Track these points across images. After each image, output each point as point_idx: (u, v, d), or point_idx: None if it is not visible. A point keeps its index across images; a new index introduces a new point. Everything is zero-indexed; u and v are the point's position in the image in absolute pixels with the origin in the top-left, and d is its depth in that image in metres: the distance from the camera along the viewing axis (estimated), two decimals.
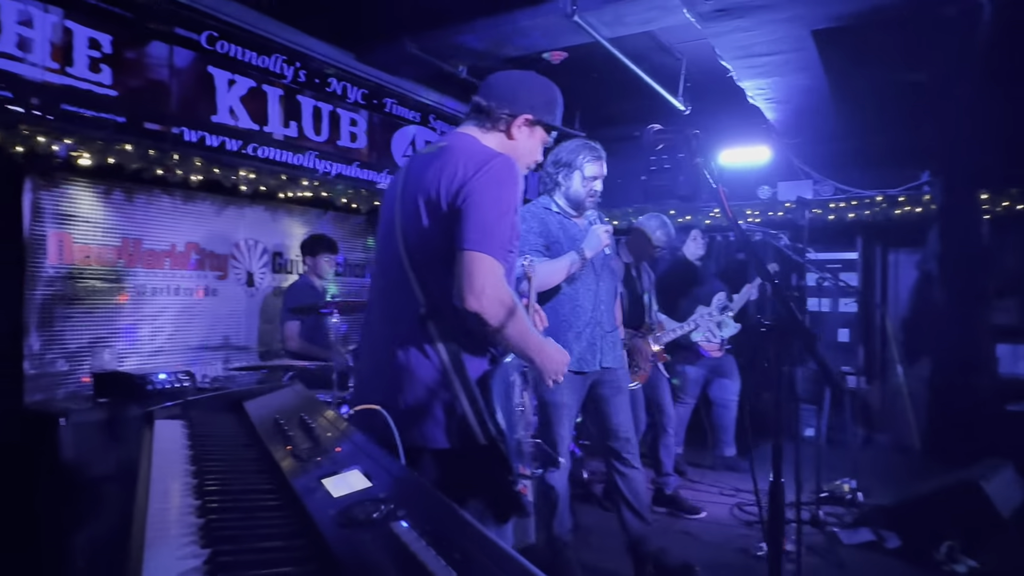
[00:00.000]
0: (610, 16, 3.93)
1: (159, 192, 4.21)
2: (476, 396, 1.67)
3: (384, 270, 1.83)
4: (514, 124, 1.85)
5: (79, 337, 3.89)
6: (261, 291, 4.96)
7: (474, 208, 1.62)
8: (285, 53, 4.45)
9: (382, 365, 1.75)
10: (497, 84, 1.89)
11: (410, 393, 1.69)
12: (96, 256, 3.95)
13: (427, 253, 1.71)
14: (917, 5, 3.42)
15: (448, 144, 1.80)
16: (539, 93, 1.90)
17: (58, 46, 3.33)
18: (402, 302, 1.74)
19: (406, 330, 1.72)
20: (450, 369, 1.68)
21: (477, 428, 1.66)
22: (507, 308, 1.63)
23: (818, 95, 4.86)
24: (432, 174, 1.71)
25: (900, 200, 5.93)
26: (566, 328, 2.89)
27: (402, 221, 1.76)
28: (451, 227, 1.66)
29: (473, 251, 1.60)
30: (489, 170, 1.66)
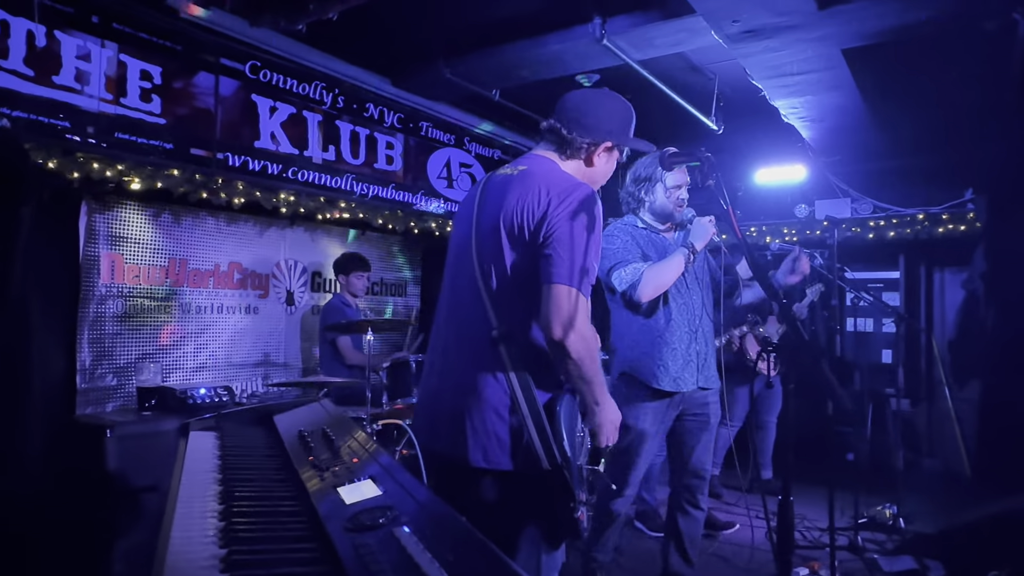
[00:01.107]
0: (639, 39, 3.98)
1: (204, 214, 4.40)
2: (543, 421, 1.66)
3: (456, 290, 1.83)
4: (595, 153, 1.86)
5: (128, 353, 4.06)
6: (300, 309, 5.11)
7: (561, 241, 1.63)
8: (324, 80, 4.63)
9: (449, 385, 1.75)
10: (574, 108, 1.86)
11: (476, 414, 1.68)
12: (145, 275, 4.14)
13: (504, 278, 1.71)
14: (946, 22, 3.38)
15: (529, 169, 1.80)
16: (617, 116, 1.89)
17: (112, 78, 3.53)
18: (474, 324, 1.73)
19: (476, 351, 1.71)
20: (519, 393, 1.66)
21: (542, 453, 1.64)
22: (590, 344, 1.66)
23: (853, 113, 4.81)
24: (513, 199, 1.71)
25: (943, 218, 5.79)
26: (661, 344, 2.77)
27: (478, 243, 1.75)
28: (532, 255, 1.67)
29: (563, 285, 1.61)
30: (574, 202, 1.66)
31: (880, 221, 6.04)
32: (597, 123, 1.84)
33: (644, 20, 3.79)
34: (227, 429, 1.73)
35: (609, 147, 1.87)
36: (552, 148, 1.88)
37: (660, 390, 2.77)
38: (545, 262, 1.64)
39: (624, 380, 2.85)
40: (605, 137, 1.85)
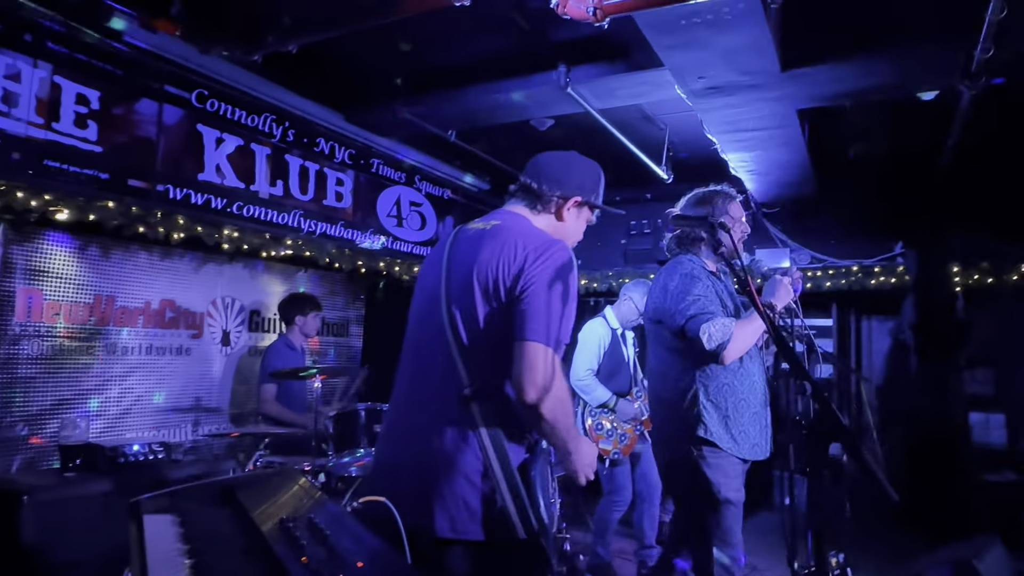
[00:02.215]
0: (601, 89, 4.00)
1: (136, 248, 4.09)
2: (518, 486, 1.58)
3: (422, 347, 1.76)
4: (565, 207, 1.84)
5: (43, 399, 3.69)
6: (236, 350, 4.81)
7: (536, 298, 1.59)
8: (274, 112, 4.43)
9: (414, 447, 1.67)
10: (546, 166, 1.88)
11: (444, 480, 1.59)
12: (67, 313, 3.79)
13: (476, 333, 1.64)
14: (897, 88, 3.55)
15: (503, 223, 1.77)
16: (587, 174, 1.90)
17: (44, 101, 3.25)
18: (443, 381, 1.65)
19: (445, 411, 1.63)
20: (492, 456, 1.59)
21: (518, 521, 1.56)
22: (563, 404, 1.59)
23: (798, 169, 4.98)
24: (488, 253, 1.67)
25: (875, 271, 6.05)
26: (744, 408, 2.50)
27: (449, 298, 1.70)
28: (507, 312, 1.61)
29: (536, 343, 1.55)
30: (549, 258, 1.63)
31: (817, 271, 6.26)
32: (566, 178, 1.85)
33: (609, 71, 3.82)
34: (187, 512, 1.51)
35: (579, 202, 1.86)
36: (522, 204, 1.86)
37: (739, 457, 2.50)
38: (520, 317, 1.59)
39: (703, 445, 2.48)
40: (575, 192, 1.85)
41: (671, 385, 2.56)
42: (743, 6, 2.70)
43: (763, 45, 3.06)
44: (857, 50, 3.24)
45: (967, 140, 4.21)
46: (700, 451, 2.45)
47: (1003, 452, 5.77)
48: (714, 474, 2.43)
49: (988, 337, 5.84)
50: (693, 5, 2.69)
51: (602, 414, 4.35)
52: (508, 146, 5.50)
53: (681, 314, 2.44)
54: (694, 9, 2.74)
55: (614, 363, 4.42)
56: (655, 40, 3.04)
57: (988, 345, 5.84)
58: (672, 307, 2.48)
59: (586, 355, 4.38)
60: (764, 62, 3.22)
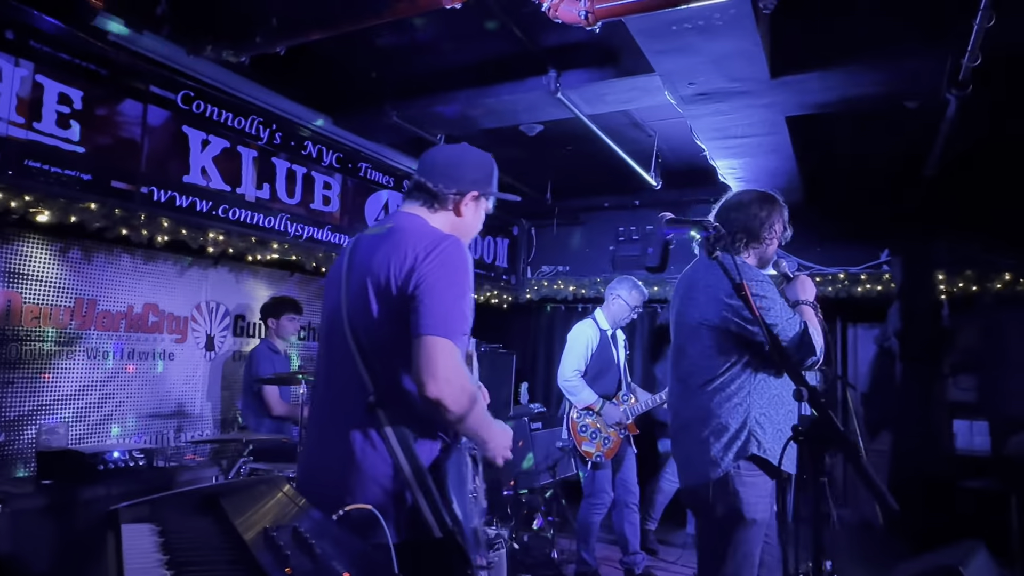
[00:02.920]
0: (591, 94, 4.00)
1: (119, 251, 4.02)
2: (429, 485, 1.61)
3: (330, 355, 1.78)
4: (462, 203, 1.84)
5: (21, 404, 3.61)
6: (221, 355, 4.74)
7: (429, 293, 1.60)
8: (262, 115, 4.38)
9: (328, 458, 1.68)
10: (438, 162, 1.87)
11: (357, 487, 1.61)
12: (46, 317, 3.71)
13: (376, 339, 1.66)
14: (886, 98, 3.57)
15: (395, 225, 1.77)
16: (481, 167, 1.90)
17: (25, 100, 3.18)
18: (349, 389, 1.67)
19: (354, 419, 1.65)
20: (401, 458, 1.61)
21: (431, 519, 1.59)
22: (469, 394, 1.59)
23: (786, 176, 5.00)
24: (381, 257, 1.68)
25: (861, 278, 6.09)
26: (790, 420, 2.31)
27: (349, 305, 1.71)
28: (403, 312, 1.62)
29: (432, 336, 1.56)
30: (440, 253, 1.64)
31: None
32: (460, 174, 1.85)
33: (599, 76, 3.81)
34: (167, 521, 1.47)
35: (476, 196, 1.87)
36: (419, 203, 1.85)
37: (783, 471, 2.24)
38: (414, 315, 1.60)
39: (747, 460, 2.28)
40: (470, 187, 1.85)
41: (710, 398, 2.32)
42: (734, 12, 2.70)
43: (753, 52, 3.06)
44: (846, 58, 3.26)
45: (954, 148, 4.24)
46: (739, 468, 2.26)
47: (987, 459, 5.81)
48: (750, 494, 2.26)
49: (972, 344, 5.88)
50: (684, 11, 2.69)
51: (588, 416, 4.34)
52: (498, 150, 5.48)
53: (793, 323, 2.26)
54: (685, 15, 2.74)
55: (602, 364, 4.41)
56: (646, 45, 3.04)
57: (972, 352, 5.89)
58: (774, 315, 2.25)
59: (573, 356, 4.37)
60: (754, 69, 3.23)
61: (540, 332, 7.53)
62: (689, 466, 2.40)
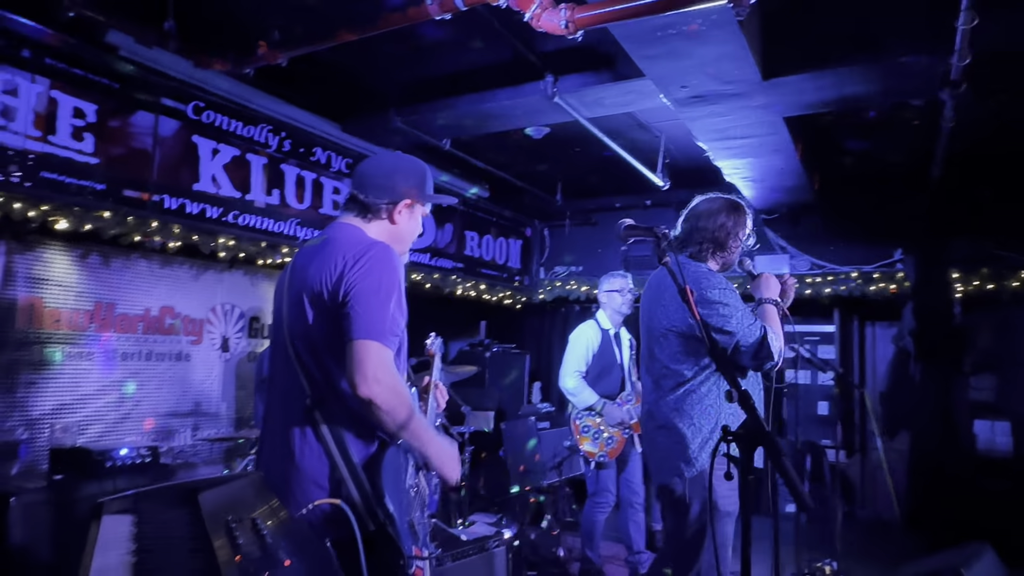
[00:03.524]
0: (589, 98, 4.04)
1: (136, 256, 4.18)
2: (363, 481, 1.69)
3: (274, 362, 1.87)
4: (395, 211, 1.90)
5: (43, 403, 3.78)
6: (235, 356, 4.89)
7: (357, 299, 1.67)
8: (271, 123, 4.52)
9: (275, 461, 1.78)
10: (370, 174, 1.93)
11: (297, 486, 1.70)
12: (67, 320, 3.89)
13: (311, 344, 1.75)
14: (880, 98, 3.55)
15: (329, 237, 1.85)
16: (412, 174, 1.95)
17: (42, 115, 3.35)
18: (290, 393, 1.76)
19: (293, 420, 1.75)
20: (337, 457, 1.70)
21: (364, 513, 1.67)
22: (398, 394, 1.67)
23: (793, 175, 4.99)
24: (315, 268, 1.76)
25: (875, 277, 6.03)
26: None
27: (287, 314, 1.80)
28: (335, 318, 1.70)
29: (362, 340, 1.64)
30: (368, 260, 1.71)
31: (817, 278, 6.24)
32: (391, 184, 1.91)
33: (595, 80, 3.86)
34: (145, 512, 1.57)
35: (409, 204, 1.93)
36: (354, 214, 1.92)
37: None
38: (345, 321, 1.68)
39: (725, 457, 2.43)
40: (402, 196, 1.91)
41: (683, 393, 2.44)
42: (716, 18, 2.73)
43: (741, 55, 3.08)
44: (838, 59, 3.26)
45: (956, 146, 4.19)
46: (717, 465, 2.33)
47: (1009, 460, 5.72)
48: (722, 487, 2.26)
49: (989, 343, 5.79)
50: (666, 17, 2.73)
51: (589, 416, 4.37)
52: (506, 154, 5.56)
53: (753, 330, 2.35)
54: (668, 21, 2.78)
55: (604, 364, 4.44)
56: (633, 51, 3.08)
57: (989, 351, 5.79)
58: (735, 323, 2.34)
59: (573, 358, 4.42)
60: (744, 71, 3.25)
61: (554, 332, 7.58)
62: (666, 465, 2.48)
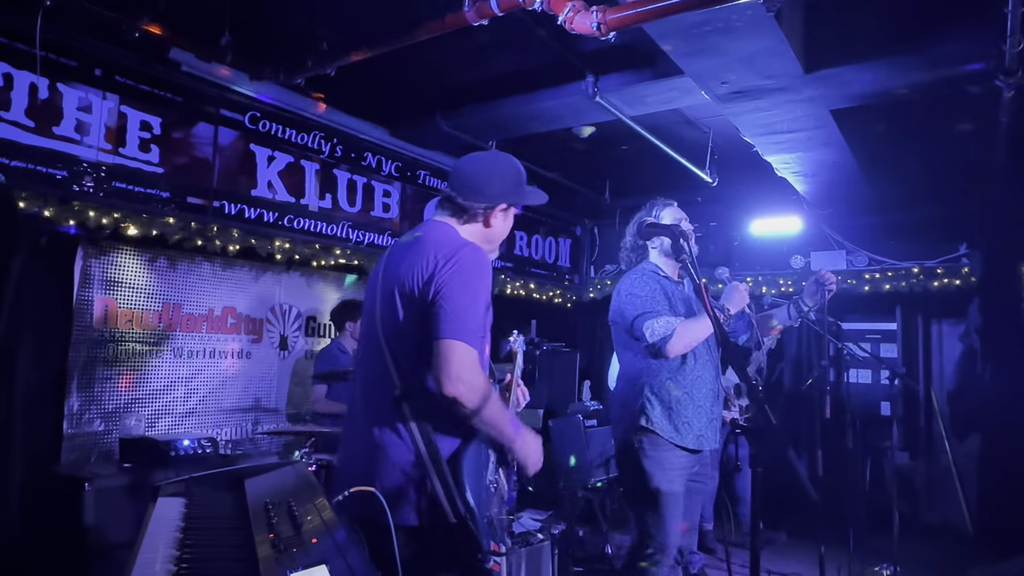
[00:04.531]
0: (631, 97, 4.05)
1: (200, 259, 4.42)
2: (446, 474, 1.73)
3: (366, 354, 1.93)
4: (492, 215, 1.95)
5: (116, 398, 4.04)
6: (293, 354, 5.10)
7: (446, 299, 1.72)
8: (323, 130, 4.71)
9: (361, 448, 1.83)
10: (467, 175, 1.96)
11: (384, 472, 1.75)
12: (138, 320, 4.15)
13: (402, 339, 1.80)
14: (930, 88, 3.44)
15: (423, 235, 1.90)
16: (509, 177, 1.98)
17: (112, 129, 3.60)
18: (380, 384, 1.82)
19: (383, 411, 1.80)
20: (422, 448, 1.74)
21: (447, 506, 1.70)
22: (482, 393, 1.71)
23: (846, 169, 4.86)
24: (407, 265, 1.82)
25: (938, 272, 5.81)
26: (687, 402, 2.74)
27: (380, 307, 1.86)
28: (424, 316, 1.75)
29: (448, 339, 1.69)
30: (458, 261, 1.76)
31: (876, 273, 6.05)
32: (490, 189, 1.94)
33: (636, 79, 3.87)
34: (196, 495, 1.71)
35: (504, 208, 1.97)
36: (448, 214, 1.96)
37: (683, 447, 2.73)
38: (433, 319, 1.72)
39: (645, 435, 2.74)
40: (499, 200, 1.94)
41: (623, 378, 2.89)
42: (751, 13, 2.72)
43: (781, 49, 3.05)
44: (884, 50, 3.18)
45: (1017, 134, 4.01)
46: (641, 443, 2.72)
47: None
48: (650, 465, 2.68)
49: None
50: (702, 14, 2.73)
51: None
52: (554, 153, 5.61)
53: (629, 316, 2.74)
54: (703, 18, 2.78)
55: None
56: (669, 49, 3.08)
57: None
58: (623, 307, 2.78)
59: None
60: (785, 65, 3.21)
61: (604, 331, 7.57)
62: (615, 440, 2.91)
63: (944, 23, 3.09)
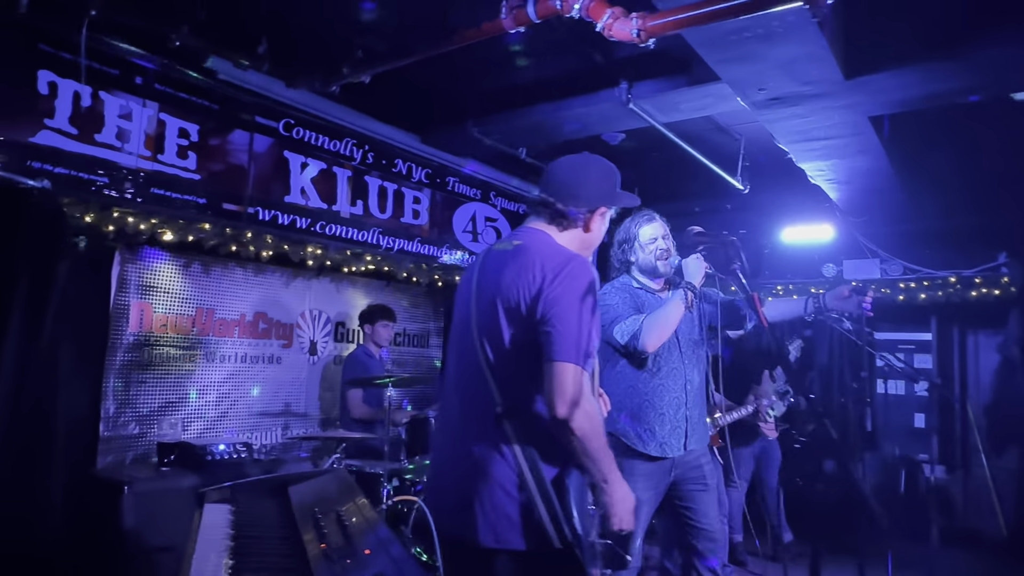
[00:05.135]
0: (665, 103, 4.03)
1: (233, 265, 4.46)
2: (552, 498, 1.64)
3: (460, 366, 1.84)
4: (591, 220, 1.88)
5: (151, 401, 4.09)
6: (322, 359, 5.13)
7: (559, 318, 1.64)
8: (355, 137, 4.74)
9: (457, 464, 1.75)
10: (563, 178, 1.89)
11: (485, 493, 1.67)
12: (172, 324, 4.19)
13: (503, 354, 1.72)
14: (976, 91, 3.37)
15: (524, 244, 1.80)
16: (605, 180, 1.92)
17: (152, 136, 3.66)
18: (479, 400, 1.73)
19: (482, 429, 1.71)
20: (526, 469, 1.66)
21: (552, 531, 1.62)
22: (593, 421, 1.64)
23: (882, 176, 4.78)
24: (510, 276, 1.73)
25: (976, 282, 5.68)
26: (649, 409, 2.74)
27: (478, 320, 1.77)
28: (531, 332, 1.68)
29: (563, 362, 1.61)
30: (568, 276, 1.67)
31: (911, 283, 5.94)
32: (588, 192, 1.87)
33: (670, 86, 3.84)
34: (241, 502, 1.71)
35: (603, 212, 1.91)
36: (545, 220, 1.88)
37: (646, 454, 2.72)
38: (545, 339, 1.65)
39: (611, 439, 2.71)
40: (598, 203, 1.88)
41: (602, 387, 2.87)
42: (793, 19, 2.68)
43: (821, 55, 3.00)
44: (924, 55, 3.12)
45: None
46: None
47: None
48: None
49: None
50: (741, 20, 2.70)
51: None
52: None
53: (605, 323, 2.71)
54: (743, 24, 2.75)
55: None
56: (707, 55, 3.06)
57: None
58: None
59: None
60: (825, 71, 3.16)
61: None
62: None
63: (987, 27, 3.02)
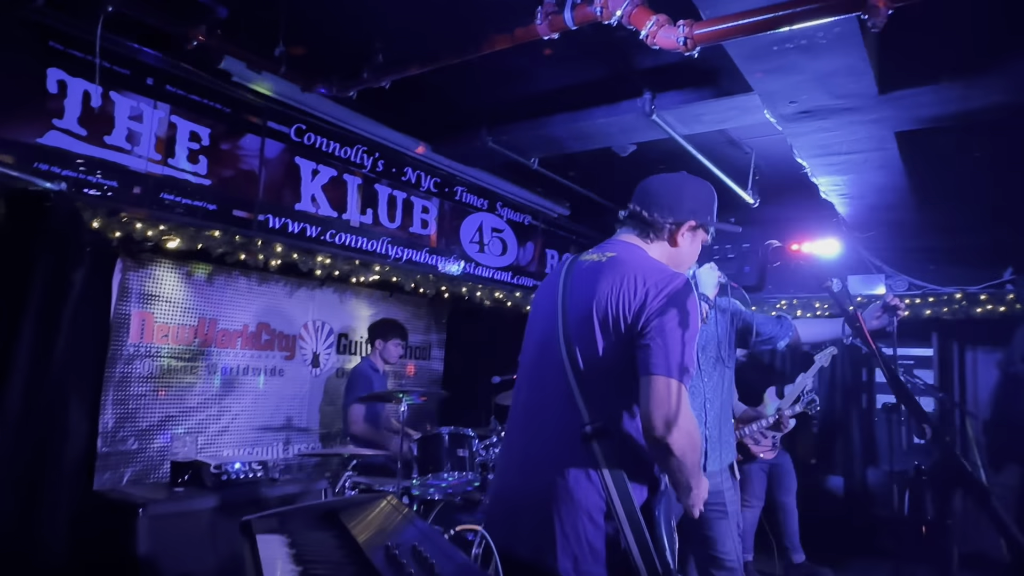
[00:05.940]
0: (687, 115, 3.96)
1: (237, 274, 4.31)
2: (642, 528, 1.54)
3: (540, 382, 1.74)
4: (679, 233, 1.82)
5: (151, 415, 3.92)
6: (325, 372, 4.98)
7: (661, 332, 1.57)
8: (365, 144, 4.62)
9: (533, 483, 1.64)
10: (656, 192, 1.85)
11: (568, 519, 1.56)
12: (174, 335, 4.03)
13: (597, 369, 1.63)
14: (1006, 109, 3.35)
15: (618, 256, 1.74)
16: (699, 196, 1.87)
17: (162, 139, 3.51)
18: (562, 418, 1.64)
19: (566, 449, 1.61)
20: (615, 495, 1.55)
21: (641, 564, 1.51)
22: (691, 437, 1.55)
23: (894, 192, 4.77)
24: (606, 288, 1.66)
25: (981, 298, 5.69)
26: None
27: (567, 332, 1.68)
28: (627, 346, 1.60)
29: (665, 377, 1.53)
30: (671, 293, 1.61)
31: (916, 299, 5.94)
32: (678, 203, 1.81)
33: (696, 97, 3.78)
34: (295, 533, 1.58)
35: (693, 227, 1.83)
36: (634, 232, 1.83)
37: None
38: (643, 352, 1.57)
39: None
40: (687, 216, 1.82)
41: None
42: (839, 31, 2.63)
43: (860, 68, 2.96)
44: (960, 70, 3.09)
45: None
46: None
47: None
48: None
49: None
50: (787, 32, 2.64)
51: None
52: (590, 171, 5.52)
53: None
54: (788, 35, 2.69)
55: None
56: (745, 67, 3.00)
57: None
58: None
59: None
60: (860, 85, 3.12)
61: None
62: None
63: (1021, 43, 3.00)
